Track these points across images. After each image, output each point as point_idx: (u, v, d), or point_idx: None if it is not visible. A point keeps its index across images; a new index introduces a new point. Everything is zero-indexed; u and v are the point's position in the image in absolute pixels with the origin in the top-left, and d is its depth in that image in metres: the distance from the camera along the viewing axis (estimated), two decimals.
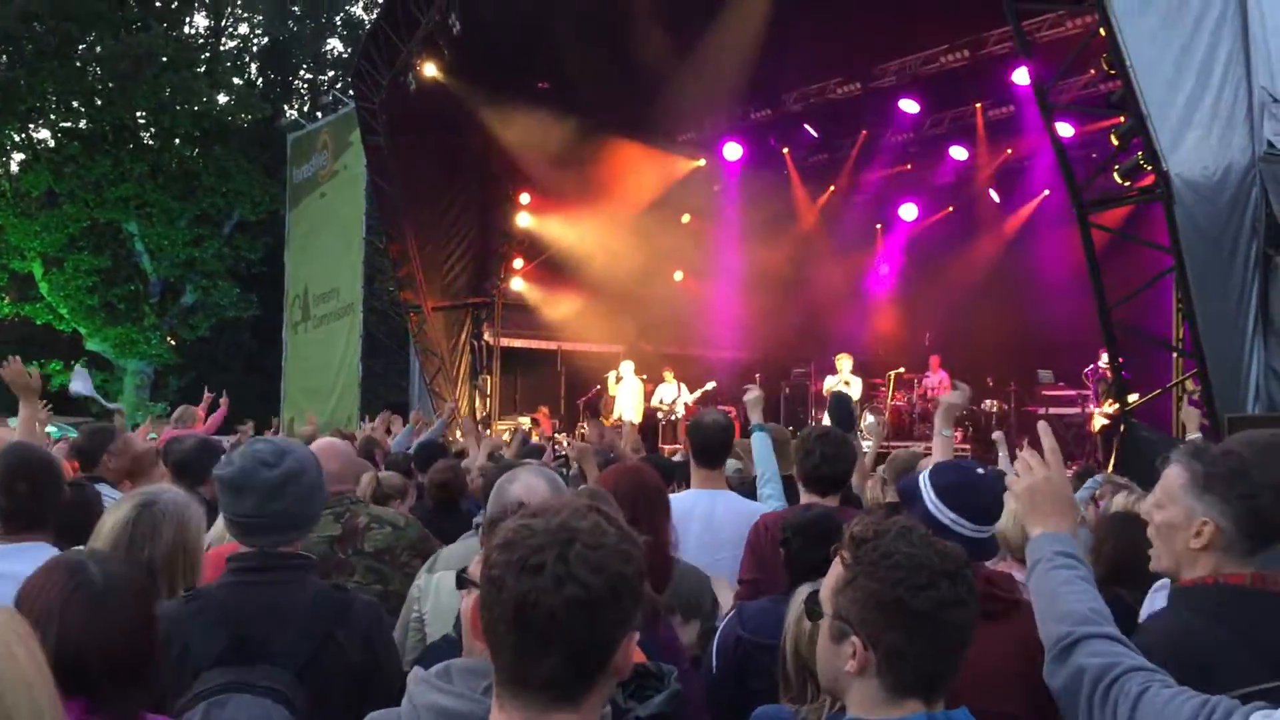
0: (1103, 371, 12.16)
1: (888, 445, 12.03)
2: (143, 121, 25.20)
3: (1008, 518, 3.26)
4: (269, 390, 23.50)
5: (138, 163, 24.52)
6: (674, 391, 15.77)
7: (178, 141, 25.42)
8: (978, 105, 14.96)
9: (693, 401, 15.38)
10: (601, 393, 16.53)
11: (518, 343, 18.31)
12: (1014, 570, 3.20)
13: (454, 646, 2.22)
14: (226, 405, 8.02)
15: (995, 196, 16.33)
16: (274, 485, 2.46)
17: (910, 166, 16.96)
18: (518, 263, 18.01)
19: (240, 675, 2.24)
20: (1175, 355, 9.85)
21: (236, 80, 28.14)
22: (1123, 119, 8.83)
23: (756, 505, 4.30)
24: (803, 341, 17.37)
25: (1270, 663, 2.03)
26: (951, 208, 17.04)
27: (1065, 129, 10.31)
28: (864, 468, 5.08)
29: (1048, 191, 15.13)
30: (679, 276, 18.23)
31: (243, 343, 27.73)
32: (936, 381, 15.31)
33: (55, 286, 24.04)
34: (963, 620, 1.64)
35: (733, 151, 17.06)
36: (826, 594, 1.72)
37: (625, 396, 15.80)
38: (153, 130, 25.42)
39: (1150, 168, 8.43)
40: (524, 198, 17.56)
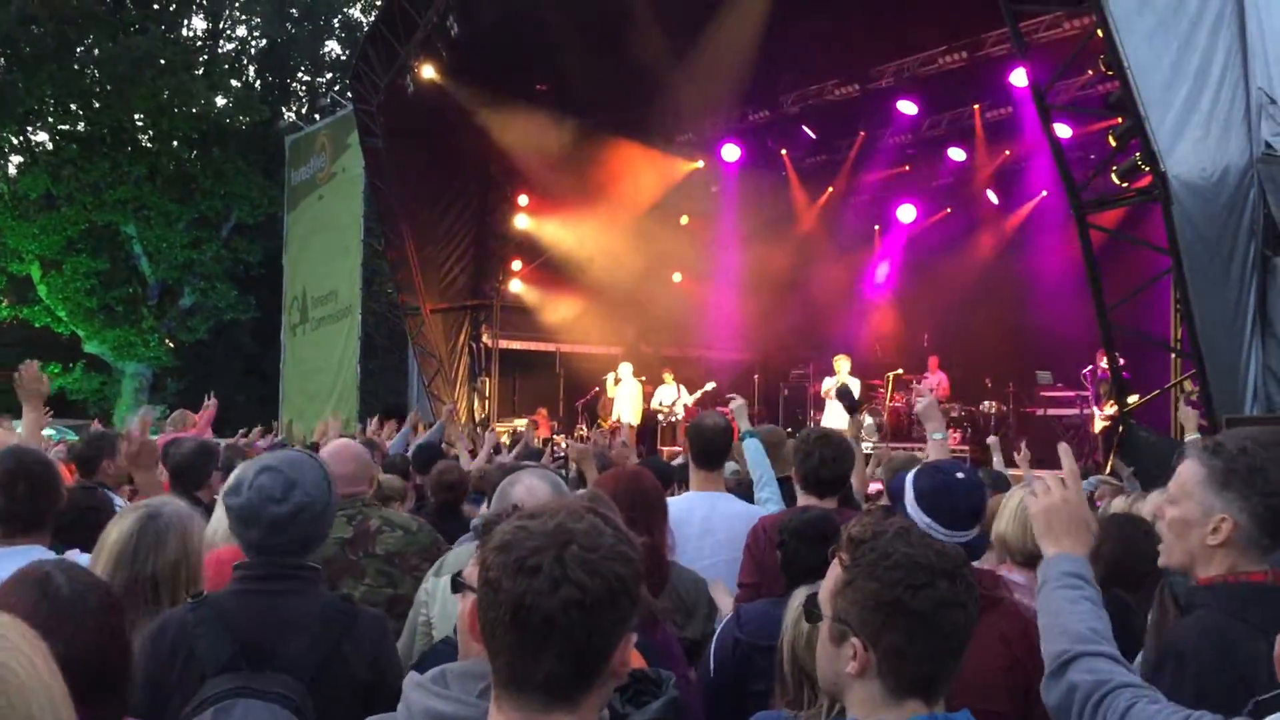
0: (1102, 372, 12.16)
1: (885, 446, 12.03)
2: (141, 124, 25.18)
3: (1008, 521, 3.26)
4: (267, 393, 23.49)
5: (136, 165, 24.51)
6: (673, 393, 15.76)
7: (176, 144, 25.42)
8: (976, 106, 14.98)
9: (692, 403, 15.37)
10: (600, 394, 16.53)
11: (516, 345, 18.29)
12: (1014, 573, 3.20)
13: (453, 649, 2.22)
14: (215, 406, 7.99)
15: (993, 198, 16.34)
16: (281, 520, 2.44)
17: (908, 168, 16.97)
18: (516, 265, 18.02)
19: (249, 681, 2.24)
20: (1173, 356, 9.86)
21: (234, 83, 28.13)
22: (1120, 120, 8.84)
23: (755, 508, 4.30)
24: (801, 343, 17.37)
25: None
26: (950, 209, 17.04)
27: (1063, 130, 10.32)
28: (861, 470, 5.09)
29: (1045, 193, 15.13)
30: (677, 278, 18.22)
31: (241, 345, 27.71)
32: (935, 382, 15.30)
33: (53, 289, 24.03)
34: (962, 620, 1.64)
35: (731, 153, 17.07)
36: (825, 596, 1.72)
37: (624, 398, 15.80)
38: (151, 133, 25.40)
39: (1148, 169, 8.44)
40: (522, 199, 17.57)
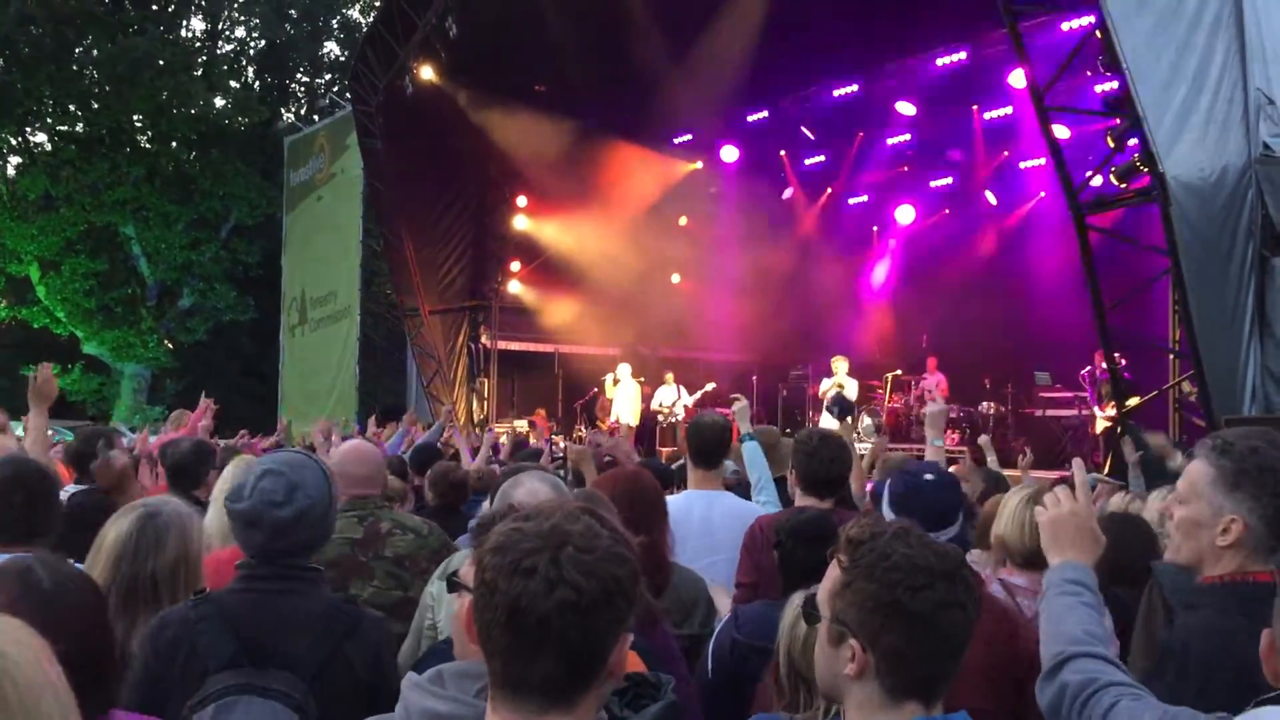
0: (1102, 373, 12.15)
1: (882, 445, 12.03)
2: (140, 125, 25.18)
3: (1007, 523, 3.26)
4: (266, 393, 23.48)
5: (135, 166, 24.50)
6: (673, 394, 15.77)
7: (175, 145, 25.41)
8: (974, 107, 14.98)
9: (692, 404, 15.37)
10: (598, 395, 16.53)
11: (515, 345, 18.30)
12: (1014, 575, 3.20)
13: (451, 649, 2.22)
14: (209, 405, 7.94)
15: (992, 198, 16.34)
16: (284, 524, 2.44)
17: (907, 169, 16.97)
18: (515, 266, 18.02)
19: (251, 678, 2.24)
20: (1171, 357, 9.86)
21: (233, 84, 28.13)
22: (1119, 121, 8.84)
23: (753, 507, 4.30)
24: (800, 343, 17.36)
25: None
26: (948, 210, 17.04)
27: (1061, 131, 10.32)
28: (859, 470, 5.09)
29: (1044, 193, 15.13)
30: (676, 279, 18.23)
31: (240, 346, 27.70)
32: (934, 383, 15.30)
33: (52, 290, 24.01)
34: (961, 621, 1.64)
35: (729, 154, 17.08)
36: (824, 597, 1.71)
37: (622, 399, 15.80)
38: (150, 134, 25.40)
39: (1146, 169, 8.44)
40: (521, 200, 17.57)
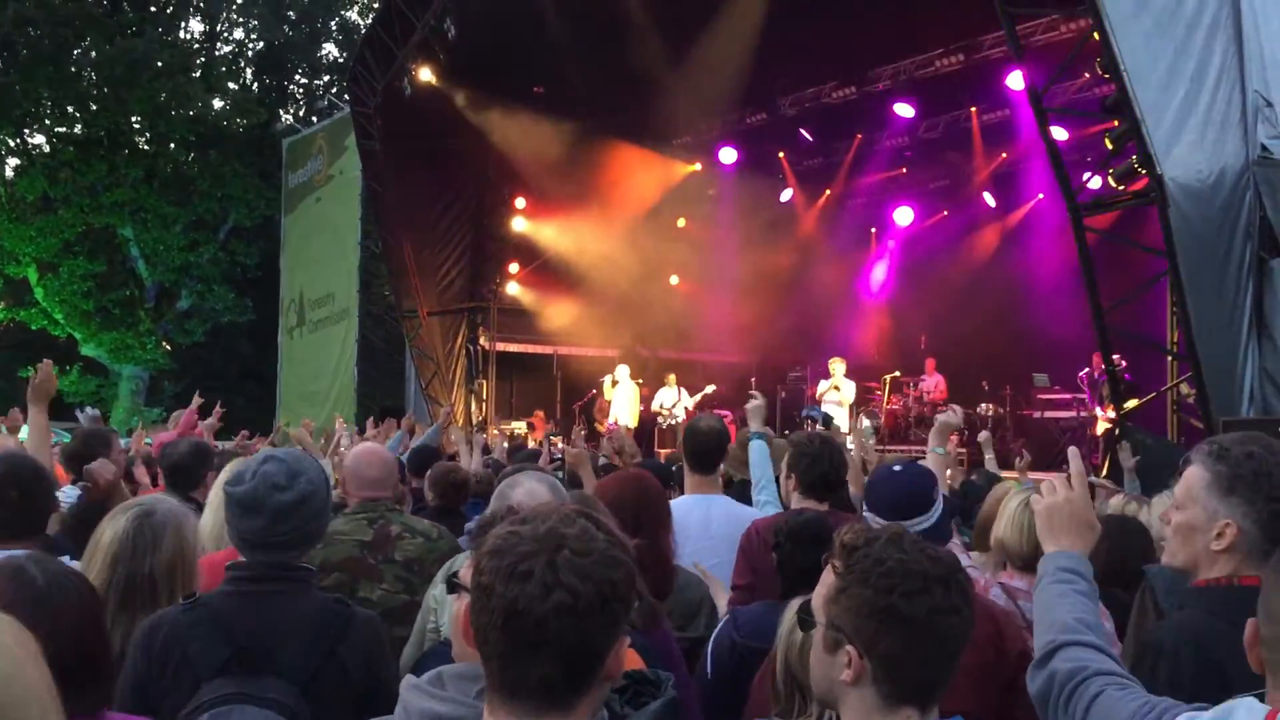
0: (1100, 374, 12.16)
1: (882, 449, 12.04)
2: (138, 126, 25.15)
3: (1006, 525, 3.26)
4: (265, 395, 23.46)
5: (133, 168, 24.47)
6: (674, 396, 15.78)
7: (173, 146, 25.37)
8: (972, 109, 14.99)
9: (693, 406, 15.39)
10: (597, 397, 16.53)
11: (513, 347, 18.28)
12: (1014, 579, 3.20)
13: (448, 652, 2.22)
14: (199, 405, 7.90)
15: (990, 200, 16.36)
16: (285, 508, 2.44)
17: (905, 170, 16.99)
18: (513, 267, 18.02)
19: (244, 687, 2.23)
20: (1170, 359, 9.87)
21: (232, 85, 28.11)
22: (1117, 123, 8.86)
23: (751, 510, 4.30)
24: (798, 345, 17.38)
25: None
26: (946, 211, 17.06)
27: (1059, 133, 10.34)
28: (856, 472, 5.09)
29: (1042, 195, 15.15)
30: (675, 281, 18.22)
31: (238, 348, 27.67)
32: (932, 385, 15.32)
33: (50, 292, 23.98)
34: (956, 626, 1.64)
35: (728, 156, 17.08)
36: (819, 603, 1.71)
37: (620, 401, 15.81)
38: (148, 135, 25.36)
39: (1144, 171, 8.45)
40: (519, 202, 17.57)
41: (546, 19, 13.12)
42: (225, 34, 29.71)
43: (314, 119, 25.56)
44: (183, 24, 28.09)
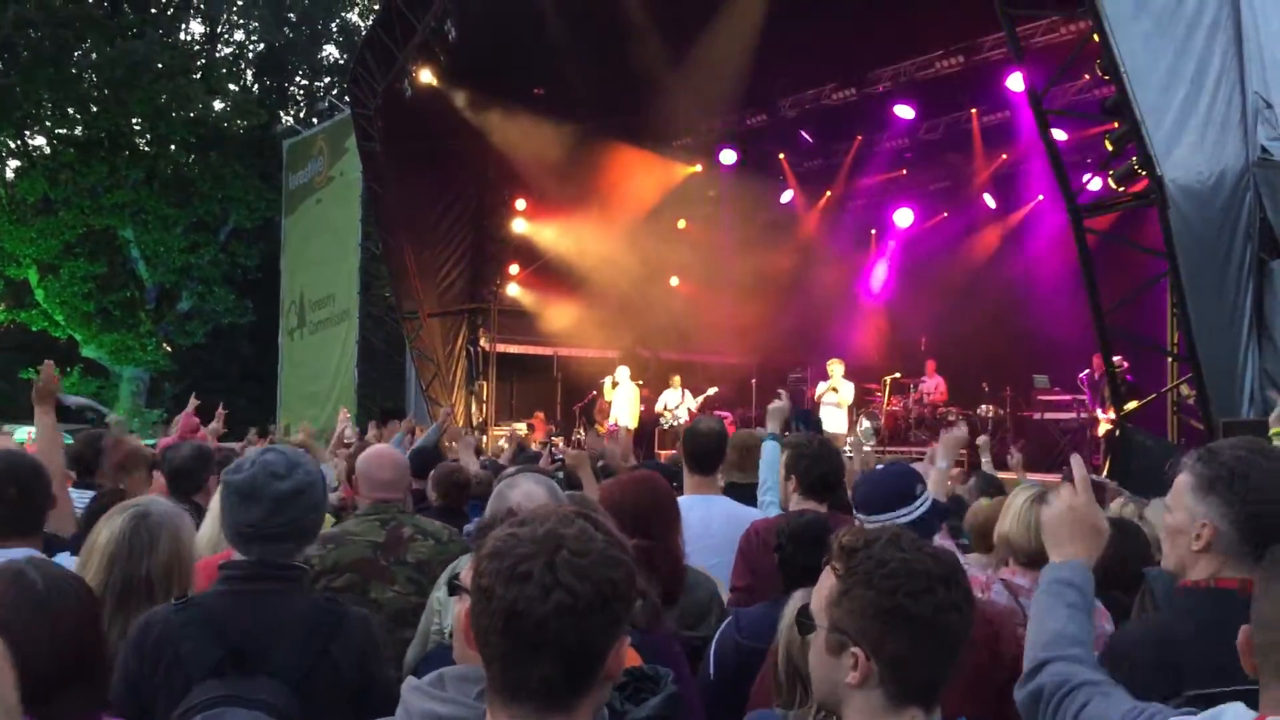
0: (1101, 376, 12.16)
1: (882, 450, 12.05)
2: (138, 128, 25.15)
3: (1011, 521, 3.27)
4: (265, 397, 23.47)
5: (133, 169, 24.49)
6: (678, 397, 15.80)
7: (173, 148, 25.38)
8: (973, 111, 15.00)
9: (696, 407, 15.40)
10: (597, 398, 16.54)
11: (514, 348, 18.29)
12: (1018, 576, 3.21)
13: (450, 654, 2.22)
14: (194, 409, 7.89)
15: (990, 201, 16.36)
16: (283, 497, 2.44)
17: (905, 172, 17.00)
18: (514, 269, 18.01)
19: (235, 688, 2.22)
20: (1170, 360, 9.88)
21: (232, 87, 28.11)
22: (1117, 124, 8.86)
23: (751, 510, 4.32)
24: (799, 346, 17.38)
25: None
26: (946, 213, 17.06)
27: (1059, 134, 10.34)
28: (854, 473, 5.10)
29: (1042, 196, 15.15)
30: (675, 282, 18.23)
31: (239, 349, 27.68)
32: (932, 386, 15.32)
33: (51, 293, 23.99)
34: (961, 624, 1.64)
35: (728, 157, 17.08)
36: (820, 606, 1.70)
37: (621, 402, 15.81)
38: (148, 137, 25.36)
39: (1144, 173, 8.46)
40: (520, 203, 17.58)
41: (547, 20, 13.13)
42: (226, 36, 29.73)
43: (314, 121, 25.55)
44: (183, 26, 28.11)
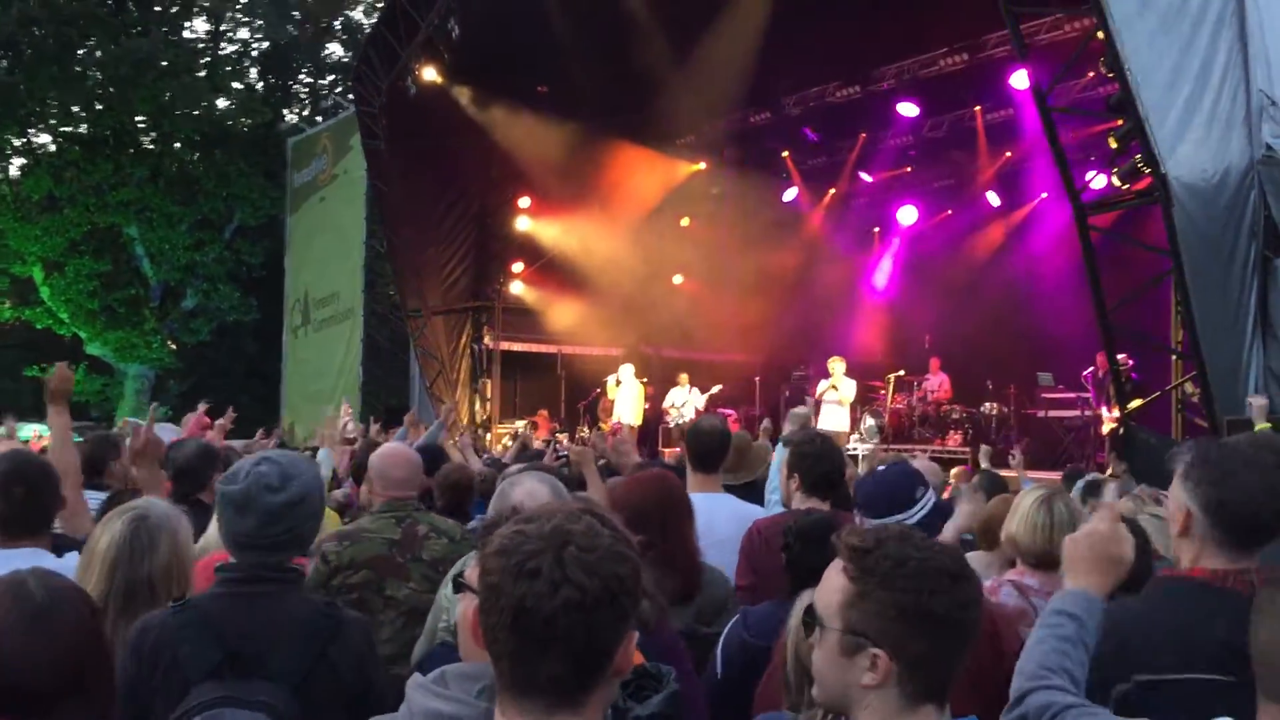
0: (1105, 374, 12.15)
1: (886, 448, 12.03)
2: (143, 126, 25.18)
3: (1019, 523, 3.27)
4: (270, 394, 23.50)
5: (138, 167, 24.52)
6: (685, 395, 15.81)
7: (178, 146, 25.40)
8: (976, 108, 14.98)
9: (702, 405, 15.42)
10: (601, 396, 16.55)
11: (518, 346, 18.28)
12: (1026, 576, 3.21)
13: (452, 651, 2.23)
14: (204, 410, 7.90)
15: (994, 199, 16.34)
16: (277, 509, 2.44)
17: (909, 170, 16.98)
18: (517, 266, 18.00)
19: (233, 690, 2.23)
20: (1174, 358, 9.87)
21: (236, 85, 28.11)
22: (1121, 122, 8.85)
23: (754, 508, 4.32)
24: (803, 344, 17.37)
25: (1201, 656, 2.09)
26: (950, 211, 17.05)
27: (1063, 132, 10.32)
28: (854, 472, 5.11)
29: (1046, 194, 15.13)
30: (679, 280, 18.22)
31: (243, 347, 27.70)
32: (936, 384, 15.31)
33: (56, 291, 24.02)
34: (977, 620, 1.65)
35: (732, 155, 17.07)
36: (830, 607, 1.67)
37: (625, 400, 15.82)
38: (153, 135, 25.39)
39: (1149, 170, 8.45)
40: (524, 201, 17.56)
41: (550, 18, 13.13)
42: (230, 33, 29.70)
43: (319, 118, 25.57)
44: (188, 23, 28.09)
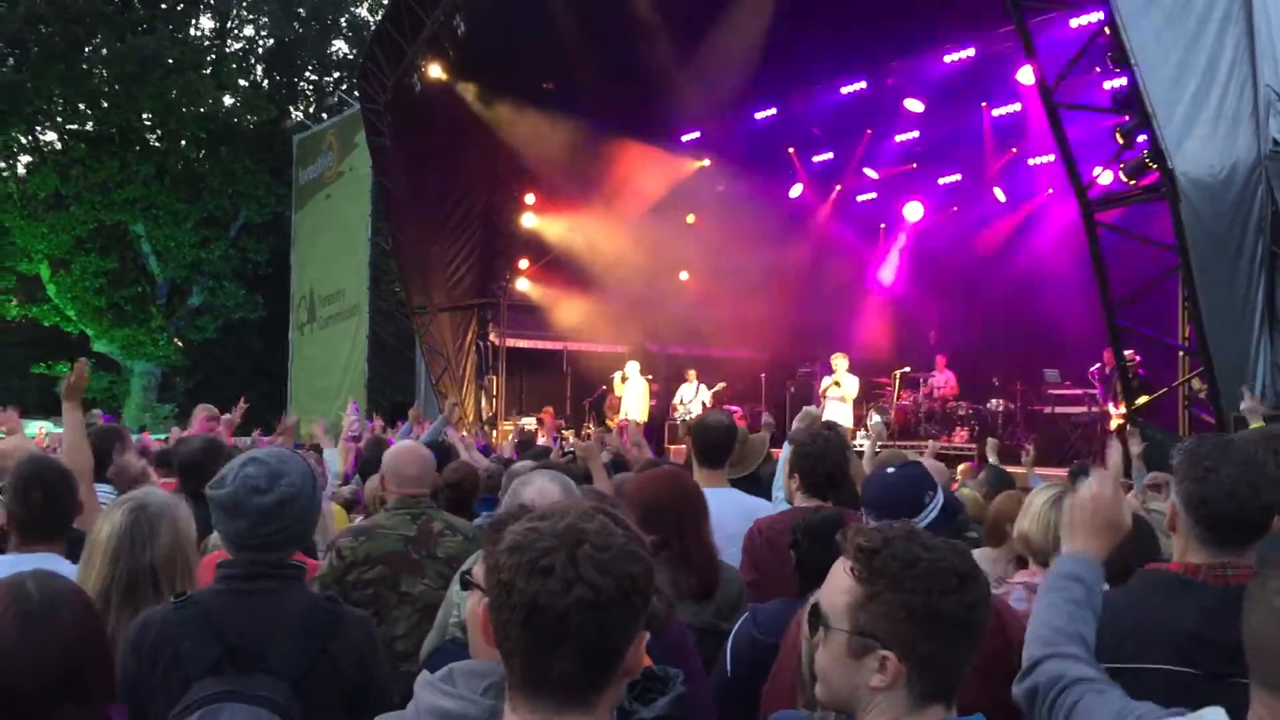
0: (1112, 370, 12.12)
1: (893, 445, 12.02)
2: (149, 123, 25.24)
3: (1031, 520, 3.26)
4: (275, 392, 23.54)
5: (144, 165, 24.58)
6: (693, 391, 15.83)
7: (184, 143, 25.45)
8: (983, 104, 14.94)
9: (709, 402, 15.43)
10: (607, 393, 16.56)
11: (523, 343, 18.29)
12: (1037, 575, 3.20)
13: (462, 647, 2.23)
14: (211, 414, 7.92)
15: (1000, 195, 16.30)
16: (266, 511, 2.43)
17: (915, 166, 16.94)
18: (523, 263, 18.01)
19: (234, 684, 2.23)
20: (1181, 354, 9.84)
21: (242, 82, 28.17)
22: (1128, 117, 8.83)
23: (762, 503, 4.34)
24: (808, 341, 17.34)
25: (1163, 646, 2.11)
26: (956, 207, 17.02)
27: (1070, 127, 10.29)
28: (860, 468, 5.09)
29: (1052, 190, 15.09)
30: (684, 276, 18.22)
31: (249, 344, 27.78)
32: (943, 381, 15.28)
33: (63, 288, 24.11)
34: (985, 618, 1.64)
35: (737, 151, 17.05)
36: (838, 610, 1.66)
37: (631, 397, 15.82)
38: (159, 132, 25.46)
39: (1156, 166, 8.43)
40: (529, 198, 17.58)
41: (556, 15, 13.12)
42: (235, 31, 29.76)
43: (324, 116, 25.61)
44: (193, 21, 28.15)
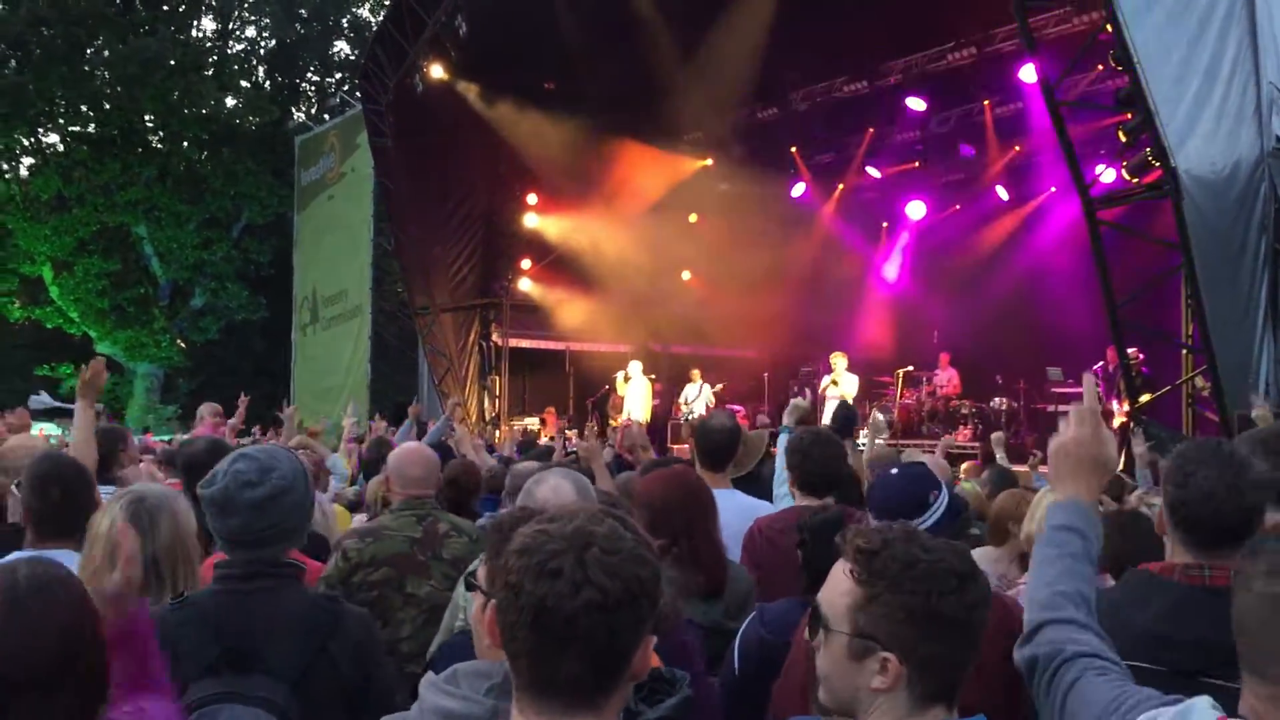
0: (1115, 369, 12.10)
1: (896, 444, 12.01)
2: (151, 125, 25.25)
3: (1039, 524, 3.26)
4: (278, 393, 23.52)
5: (146, 166, 24.59)
6: (697, 391, 15.83)
7: (186, 145, 25.44)
8: (985, 102, 14.93)
9: (713, 402, 15.42)
10: (610, 393, 16.56)
11: (526, 343, 18.30)
12: None
13: (468, 638, 2.23)
14: (216, 411, 7.94)
15: (1003, 194, 16.28)
16: (257, 505, 2.43)
17: (918, 164, 16.93)
18: (525, 263, 18.01)
19: (232, 685, 2.23)
20: (1185, 352, 9.83)
21: (244, 83, 28.16)
22: (1130, 115, 8.82)
23: (763, 504, 4.32)
24: (811, 340, 17.33)
25: (1128, 642, 2.07)
26: (959, 205, 17.01)
27: (1073, 126, 10.29)
28: (862, 467, 5.09)
29: (1054, 188, 15.08)
30: (687, 276, 18.22)
31: (252, 345, 27.78)
32: (945, 379, 15.28)
33: (65, 290, 24.11)
34: (985, 619, 1.63)
35: (739, 150, 17.04)
36: (838, 612, 1.65)
37: (633, 396, 15.82)
38: (161, 134, 25.45)
39: (1158, 164, 8.43)
40: (531, 198, 17.59)
41: (557, 15, 13.13)
42: (237, 32, 29.77)
43: (326, 116, 25.63)
44: (195, 22, 28.14)
